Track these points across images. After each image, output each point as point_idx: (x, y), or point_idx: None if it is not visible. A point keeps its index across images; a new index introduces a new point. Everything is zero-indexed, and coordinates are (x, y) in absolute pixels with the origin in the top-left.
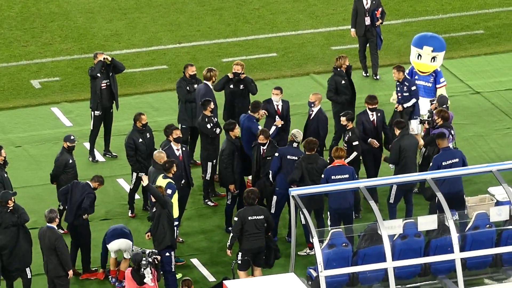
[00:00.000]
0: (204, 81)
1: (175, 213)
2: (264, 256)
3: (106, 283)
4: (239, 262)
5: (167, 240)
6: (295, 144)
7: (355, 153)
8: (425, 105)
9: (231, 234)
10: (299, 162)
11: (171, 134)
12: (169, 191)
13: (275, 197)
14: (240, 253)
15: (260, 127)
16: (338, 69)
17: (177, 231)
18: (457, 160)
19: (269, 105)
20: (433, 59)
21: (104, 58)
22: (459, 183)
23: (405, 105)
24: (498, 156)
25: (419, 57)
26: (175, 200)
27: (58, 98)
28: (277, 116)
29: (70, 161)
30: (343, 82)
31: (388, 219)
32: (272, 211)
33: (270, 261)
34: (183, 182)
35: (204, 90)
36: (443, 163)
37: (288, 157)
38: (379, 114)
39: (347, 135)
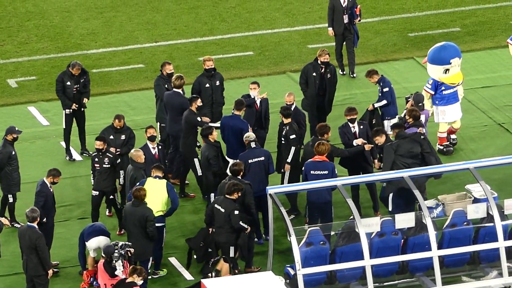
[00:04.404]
0: (174, 89)
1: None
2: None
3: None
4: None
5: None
6: (253, 144)
7: (293, 148)
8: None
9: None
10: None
11: (145, 132)
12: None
13: None
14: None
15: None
16: (316, 60)
17: (165, 232)
18: None
19: (247, 99)
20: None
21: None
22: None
23: (376, 105)
24: (475, 154)
25: (446, 71)
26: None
27: (34, 97)
28: None
29: (13, 152)
30: (314, 74)
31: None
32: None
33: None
34: None
35: (178, 101)
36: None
37: (250, 161)
38: (361, 126)
39: (284, 130)
